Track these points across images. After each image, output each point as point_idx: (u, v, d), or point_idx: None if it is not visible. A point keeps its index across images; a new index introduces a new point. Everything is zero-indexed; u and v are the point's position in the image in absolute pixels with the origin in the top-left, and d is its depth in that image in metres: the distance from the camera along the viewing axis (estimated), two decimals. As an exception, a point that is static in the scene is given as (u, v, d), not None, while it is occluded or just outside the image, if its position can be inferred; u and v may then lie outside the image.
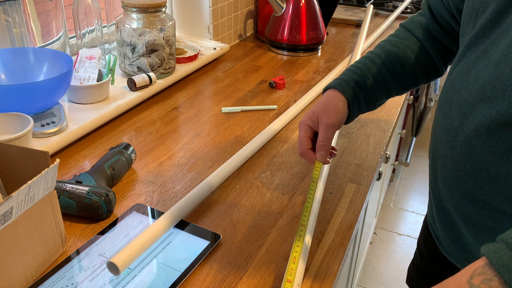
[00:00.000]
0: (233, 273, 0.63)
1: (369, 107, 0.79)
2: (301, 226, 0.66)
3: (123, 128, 0.98)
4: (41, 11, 1.05)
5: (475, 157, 0.61)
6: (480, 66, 0.60)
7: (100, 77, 1.03)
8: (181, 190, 0.79)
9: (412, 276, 1.01)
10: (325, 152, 0.71)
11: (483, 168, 0.60)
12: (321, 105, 0.73)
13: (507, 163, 0.57)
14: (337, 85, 0.75)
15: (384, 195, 2.26)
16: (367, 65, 0.77)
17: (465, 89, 0.62)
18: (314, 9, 1.47)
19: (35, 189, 0.55)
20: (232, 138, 0.96)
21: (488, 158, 0.59)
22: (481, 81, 0.59)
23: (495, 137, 0.57)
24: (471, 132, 0.60)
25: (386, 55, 0.78)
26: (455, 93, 0.64)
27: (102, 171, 0.76)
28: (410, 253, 2.01)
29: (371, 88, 0.77)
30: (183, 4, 1.42)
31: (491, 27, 0.60)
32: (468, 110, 0.61)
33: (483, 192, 0.62)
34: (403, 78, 0.79)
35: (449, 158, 0.65)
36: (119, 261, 0.56)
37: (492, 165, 0.59)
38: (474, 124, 0.60)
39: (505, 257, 0.46)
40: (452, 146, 0.64)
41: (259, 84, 1.23)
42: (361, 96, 0.76)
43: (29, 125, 0.77)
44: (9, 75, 0.95)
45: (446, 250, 0.76)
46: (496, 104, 0.57)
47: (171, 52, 1.17)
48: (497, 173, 0.59)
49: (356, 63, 0.79)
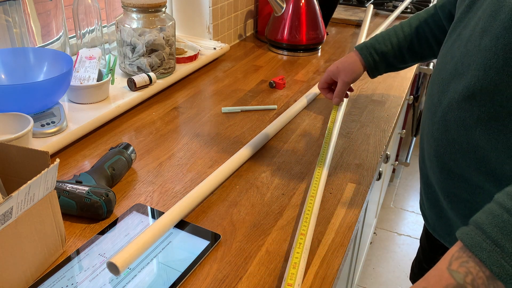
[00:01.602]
0: (233, 273, 0.63)
1: (389, 69, 0.96)
2: (301, 235, 0.66)
3: (123, 128, 0.98)
4: (41, 11, 1.05)
5: (450, 131, 0.66)
6: (455, 47, 0.67)
7: (100, 77, 1.03)
8: (181, 190, 0.79)
9: (415, 271, 1.04)
10: (339, 99, 0.97)
11: (457, 141, 0.65)
12: (343, 65, 0.95)
13: (475, 135, 0.62)
14: (360, 49, 0.95)
15: (384, 195, 2.26)
16: (389, 34, 0.94)
17: (443, 69, 0.68)
18: (314, 9, 1.47)
19: (35, 189, 0.55)
20: (232, 138, 0.96)
21: (460, 131, 0.64)
22: (455, 60, 0.65)
23: (463, 110, 0.63)
24: (446, 107, 0.66)
25: (408, 26, 0.93)
26: (436, 74, 0.71)
27: (102, 171, 0.76)
28: (410, 253, 2.01)
29: (387, 54, 0.93)
30: (183, 4, 1.42)
31: (466, 12, 0.67)
32: (444, 88, 0.67)
33: (457, 165, 0.67)
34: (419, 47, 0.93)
35: (430, 134, 0.71)
36: (119, 261, 0.56)
37: (463, 137, 0.64)
38: (448, 99, 0.66)
39: (476, 236, 0.48)
40: (432, 122, 0.70)
41: (259, 84, 1.23)
42: (378, 60, 0.94)
43: (29, 125, 0.77)
44: (9, 75, 0.95)
45: (432, 227, 0.81)
46: (463, 79, 0.62)
47: (171, 52, 1.17)
48: (468, 145, 0.64)
49: (382, 32, 0.96)
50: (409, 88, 1.27)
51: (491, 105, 0.59)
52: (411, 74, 1.33)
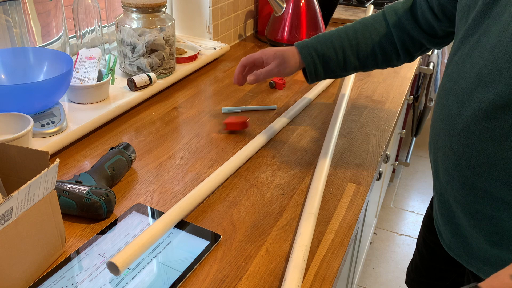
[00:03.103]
0: (233, 273, 0.63)
1: (328, 75, 0.90)
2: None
3: (123, 128, 0.98)
4: (41, 11, 1.05)
5: (473, 143, 0.62)
6: (475, 54, 0.62)
7: (100, 77, 1.03)
8: (181, 190, 0.79)
9: (411, 276, 1.01)
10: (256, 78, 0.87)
11: (482, 154, 0.61)
12: (283, 57, 0.87)
13: (505, 146, 0.58)
14: (301, 48, 0.87)
15: (384, 195, 2.26)
16: (332, 36, 0.87)
17: (462, 78, 0.63)
18: (314, 9, 1.47)
19: (35, 189, 0.55)
20: (232, 138, 0.96)
21: (487, 143, 0.60)
22: (477, 68, 0.61)
23: (493, 121, 0.59)
24: (469, 118, 0.62)
25: (353, 31, 0.87)
26: (453, 84, 0.66)
27: (102, 171, 0.76)
28: (410, 253, 2.01)
29: (329, 57, 0.87)
30: (183, 4, 1.42)
31: (481, 18, 0.62)
32: (465, 98, 0.62)
33: (481, 179, 0.63)
34: (363, 56, 0.87)
35: (448, 147, 0.67)
36: (119, 261, 0.56)
37: (491, 149, 0.60)
38: (471, 110, 0.61)
39: None
40: (450, 135, 0.66)
41: (259, 84, 1.23)
42: (318, 62, 0.87)
43: (29, 125, 0.77)
44: (9, 75, 0.95)
45: (447, 244, 0.77)
46: (493, 87, 0.58)
47: (171, 52, 1.17)
48: (496, 157, 0.60)
49: (325, 33, 0.89)
50: (409, 88, 1.27)
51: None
52: (411, 74, 1.33)
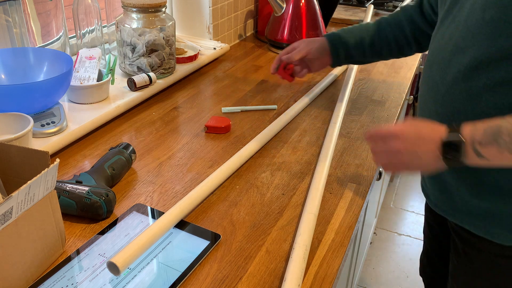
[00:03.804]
0: (233, 273, 0.63)
1: (348, 60, 1.05)
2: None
3: (123, 128, 0.98)
4: (41, 11, 1.05)
5: (454, 103, 0.70)
6: (452, 28, 0.72)
7: (100, 77, 1.03)
8: (181, 190, 0.79)
9: (424, 263, 1.08)
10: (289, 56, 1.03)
11: (462, 112, 0.70)
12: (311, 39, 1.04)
13: (480, 103, 0.67)
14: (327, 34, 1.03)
15: (384, 195, 2.26)
16: (355, 29, 1.02)
17: (443, 50, 0.73)
18: (314, 9, 1.47)
19: (35, 189, 0.55)
20: (232, 138, 0.96)
21: (465, 102, 0.69)
22: (454, 39, 0.70)
23: (469, 81, 0.67)
24: (450, 81, 0.71)
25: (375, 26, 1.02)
26: (435, 56, 0.75)
27: (102, 171, 0.76)
28: (410, 253, 2.01)
29: (350, 46, 1.01)
30: (183, 4, 1.42)
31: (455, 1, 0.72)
32: (446, 65, 0.72)
33: None
34: (379, 46, 1.01)
35: (434, 112, 0.75)
36: (119, 261, 0.56)
37: (469, 107, 0.68)
38: (452, 74, 0.70)
39: None
40: (435, 100, 0.74)
41: (259, 84, 1.23)
42: (341, 50, 1.02)
43: (29, 125, 0.77)
44: (9, 75, 0.95)
45: (434, 203, 0.84)
46: (468, 52, 0.67)
47: (171, 52, 1.17)
48: (473, 114, 0.67)
49: (350, 27, 1.04)
50: (409, 88, 1.27)
51: (497, 72, 0.64)
52: (411, 74, 1.33)
